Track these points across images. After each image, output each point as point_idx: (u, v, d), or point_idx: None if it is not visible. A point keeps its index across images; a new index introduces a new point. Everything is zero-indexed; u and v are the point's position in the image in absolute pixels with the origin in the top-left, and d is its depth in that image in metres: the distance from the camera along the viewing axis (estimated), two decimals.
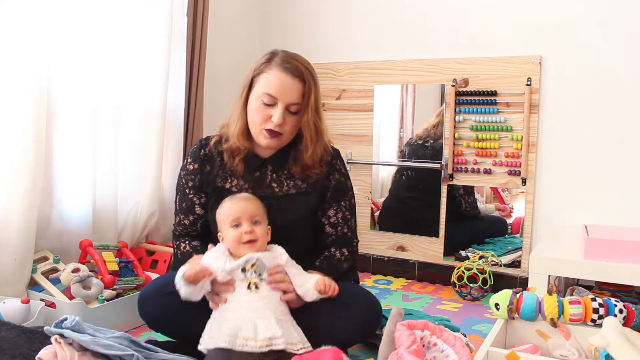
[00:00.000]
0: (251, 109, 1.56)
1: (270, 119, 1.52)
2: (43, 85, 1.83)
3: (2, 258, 1.77)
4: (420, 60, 2.57)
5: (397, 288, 2.51)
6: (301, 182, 1.63)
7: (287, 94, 1.51)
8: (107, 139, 2.11)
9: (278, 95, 1.51)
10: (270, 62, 1.54)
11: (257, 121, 1.54)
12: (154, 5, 2.20)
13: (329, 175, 1.64)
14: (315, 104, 1.56)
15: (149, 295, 1.55)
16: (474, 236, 2.53)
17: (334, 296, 1.48)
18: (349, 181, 1.71)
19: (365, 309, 1.53)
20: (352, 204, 1.70)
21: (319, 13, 2.82)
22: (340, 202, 1.65)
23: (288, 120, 1.54)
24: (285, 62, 1.52)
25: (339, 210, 1.65)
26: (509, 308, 1.53)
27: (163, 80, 2.26)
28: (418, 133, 2.61)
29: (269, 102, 1.52)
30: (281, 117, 1.51)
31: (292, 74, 1.51)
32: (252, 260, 1.47)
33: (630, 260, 1.72)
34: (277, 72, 1.51)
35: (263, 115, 1.52)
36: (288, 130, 1.56)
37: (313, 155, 1.59)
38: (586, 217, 2.25)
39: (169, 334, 1.60)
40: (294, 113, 1.54)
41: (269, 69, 1.53)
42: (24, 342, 1.40)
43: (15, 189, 1.78)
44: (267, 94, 1.51)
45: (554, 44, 2.30)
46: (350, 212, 1.68)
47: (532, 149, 2.35)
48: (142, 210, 2.23)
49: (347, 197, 1.68)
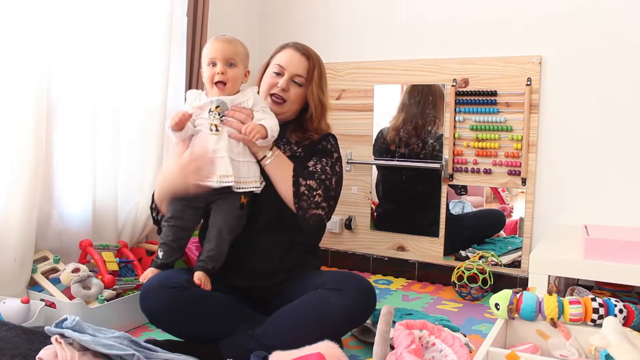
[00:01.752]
0: (263, 82, 1.80)
1: (276, 85, 1.74)
2: (43, 85, 1.83)
3: (2, 258, 1.77)
4: (420, 60, 2.57)
5: (397, 288, 2.51)
6: (296, 147, 1.78)
7: (293, 65, 1.76)
8: (107, 139, 2.11)
9: (286, 65, 1.76)
10: (284, 46, 1.82)
11: (265, 88, 1.78)
12: (154, 5, 2.20)
13: (320, 142, 1.80)
14: (319, 81, 1.79)
15: (150, 289, 1.56)
16: (473, 234, 2.53)
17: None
18: (337, 154, 1.82)
19: (356, 294, 1.55)
20: (334, 166, 1.76)
21: (318, 13, 2.82)
22: (321, 158, 1.76)
23: (292, 90, 1.76)
24: (297, 44, 1.81)
25: (319, 162, 1.74)
26: (509, 308, 1.53)
27: (163, 80, 2.26)
28: (390, 136, 2.64)
29: (278, 71, 1.76)
30: (285, 83, 1.74)
31: (301, 52, 1.78)
32: (215, 102, 1.62)
33: (630, 260, 1.72)
34: (289, 49, 1.79)
35: (271, 82, 1.76)
36: (291, 99, 1.76)
37: (317, 129, 1.79)
38: (586, 217, 2.25)
39: (169, 329, 1.61)
40: (298, 85, 1.76)
41: (282, 50, 1.81)
42: (24, 342, 1.40)
43: (15, 189, 1.78)
44: (277, 64, 1.77)
45: (554, 44, 2.30)
46: (332, 170, 1.74)
47: (532, 149, 2.35)
48: (142, 210, 2.23)
49: (331, 158, 1.78)
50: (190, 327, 1.57)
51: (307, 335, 1.44)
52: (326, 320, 1.50)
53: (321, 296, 1.54)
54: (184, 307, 1.54)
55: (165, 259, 1.63)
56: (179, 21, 2.35)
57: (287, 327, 1.52)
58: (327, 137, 1.82)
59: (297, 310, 1.54)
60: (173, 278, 1.57)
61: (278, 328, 1.54)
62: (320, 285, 1.58)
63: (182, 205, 1.64)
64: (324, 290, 1.55)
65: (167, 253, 1.63)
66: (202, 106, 1.63)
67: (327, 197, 1.69)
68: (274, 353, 1.44)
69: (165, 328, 1.61)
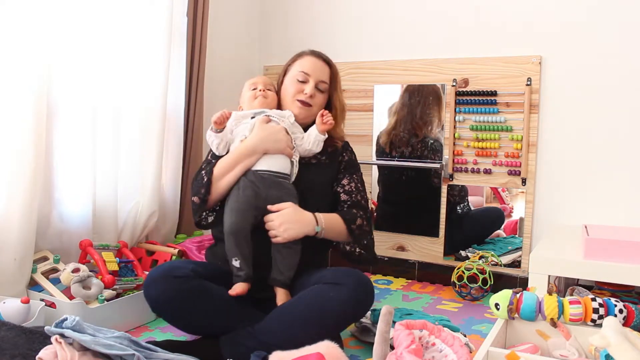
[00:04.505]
0: (286, 87, 1.85)
1: (303, 92, 1.81)
2: (43, 85, 1.83)
3: (2, 258, 1.76)
4: (420, 60, 2.57)
5: (397, 288, 2.51)
6: (320, 155, 1.85)
7: (318, 72, 1.83)
8: (107, 139, 2.11)
9: (311, 72, 1.82)
10: (302, 54, 1.88)
11: (291, 92, 1.83)
12: (154, 5, 2.20)
13: (343, 152, 1.89)
14: (340, 86, 1.91)
15: (154, 279, 1.58)
16: (472, 234, 2.53)
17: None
18: (358, 163, 1.95)
19: (354, 287, 1.55)
20: (362, 180, 1.91)
21: (319, 13, 2.82)
22: (352, 174, 1.87)
23: (317, 96, 1.83)
24: (314, 52, 1.88)
25: (352, 180, 1.85)
26: (509, 308, 1.53)
27: (163, 80, 2.26)
28: (383, 139, 2.65)
29: (302, 79, 1.82)
30: (312, 89, 1.81)
31: (322, 59, 1.87)
32: (262, 112, 1.78)
33: (630, 260, 1.72)
34: (309, 57, 1.86)
35: (297, 88, 1.82)
36: (317, 104, 1.84)
37: (338, 130, 1.90)
38: (586, 217, 2.25)
39: (171, 320, 1.62)
40: (321, 91, 1.84)
41: (301, 57, 1.87)
42: (24, 342, 1.40)
43: (15, 189, 1.78)
44: (302, 72, 1.82)
45: (554, 44, 2.30)
46: (362, 185, 1.88)
47: (532, 149, 2.36)
48: (142, 210, 2.23)
49: (358, 172, 1.91)
50: (192, 318, 1.58)
51: (306, 329, 1.45)
52: (325, 314, 1.51)
53: (319, 291, 1.55)
54: (188, 297, 1.55)
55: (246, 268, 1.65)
56: (179, 21, 2.35)
57: (287, 322, 1.53)
58: (347, 147, 1.93)
59: (296, 305, 1.55)
60: (178, 268, 1.59)
61: (277, 323, 1.54)
62: (319, 280, 1.59)
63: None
64: (322, 285, 1.56)
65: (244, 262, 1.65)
66: (246, 114, 1.81)
67: (367, 218, 1.82)
68: (274, 353, 1.44)
69: (167, 318, 1.62)
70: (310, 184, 1.79)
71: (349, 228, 1.73)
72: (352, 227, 1.74)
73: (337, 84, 1.89)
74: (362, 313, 1.63)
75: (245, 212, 1.67)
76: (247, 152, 1.72)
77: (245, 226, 1.65)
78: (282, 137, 1.74)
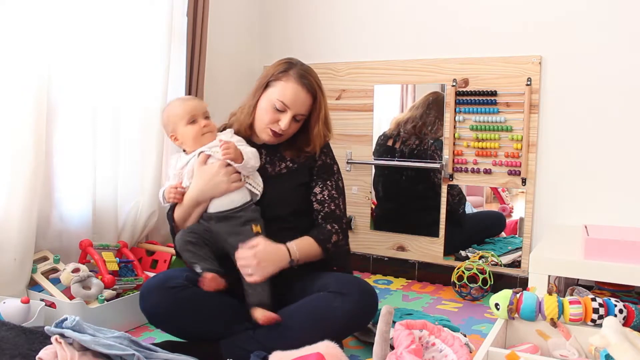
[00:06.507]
0: (261, 108, 1.71)
1: (277, 122, 1.68)
2: (43, 85, 1.83)
3: (2, 258, 1.77)
4: (420, 60, 2.57)
5: (397, 288, 2.51)
6: (292, 163, 1.77)
7: (298, 105, 1.68)
8: (107, 139, 2.11)
9: (291, 105, 1.67)
10: (288, 72, 1.69)
11: (265, 120, 1.70)
12: (154, 5, 2.20)
13: (317, 157, 1.78)
14: (325, 116, 1.75)
15: (150, 290, 1.57)
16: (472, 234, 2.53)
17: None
18: (336, 165, 1.82)
19: (359, 298, 1.54)
20: (338, 185, 1.79)
21: (319, 13, 2.82)
22: (325, 181, 1.76)
23: (292, 126, 1.70)
24: (302, 77, 1.68)
25: (325, 188, 1.75)
26: (509, 308, 1.53)
27: (163, 80, 2.26)
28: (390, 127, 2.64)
29: (280, 108, 1.67)
30: (288, 124, 1.68)
31: (307, 89, 1.68)
32: (206, 150, 1.67)
33: (630, 260, 1.72)
34: (294, 85, 1.67)
35: (272, 117, 1.68)
36: (289, 134, 1.73)
37: (314, 149, 1.76)
38: (586, 217, 2.24)
39: (169, 329, 1.62)
40: (297, 121, 1.71)
41: (286, 79, 1.68)
42: (24, 342, 1.40)
43: (15, 189, 1.78)
44: (281, 102, 1.67)
45: (554, 44, 2.30)
46: (337, 191, 1.77)
47: (532, 149, 2.35)
48: (142, 210, 2.23)
49: (333, 177, 1.78)
50: (191, 327, 1.57)
51: (308, 337, 1.44)
52: (328, 324, 1.50)
53: (324, 299, 1.53)
54: (184, 307, 1.54)
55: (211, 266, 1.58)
56: (179, 21, 2.35)
57: (289, 329, 1.52)
58: (324, 149, 1.80)
59: (299, 312, 1.54)
60: (172, 278, 1.57)
61: (279, 329, 1.53)
62: (323, 288, 1.57)
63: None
64: (326, 293, 1.54)
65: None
66: (189, 159, 1.70)
67: (342, 230, 1.73)
68: (274, 353, 1.44)
69: (165, 328, 1.62)
70: (283, 195, 1.73)
71: (324, 248, 1.66)
72: (327, 246, 1.67)
73: (319, 113, 1.73)
74: (365, 323, 1.63)
75: (186, 234, 1.64)
76: (193, 204, 1.67)
77: (186, 239, 1.61)
78: (222, 177, 1.63)
